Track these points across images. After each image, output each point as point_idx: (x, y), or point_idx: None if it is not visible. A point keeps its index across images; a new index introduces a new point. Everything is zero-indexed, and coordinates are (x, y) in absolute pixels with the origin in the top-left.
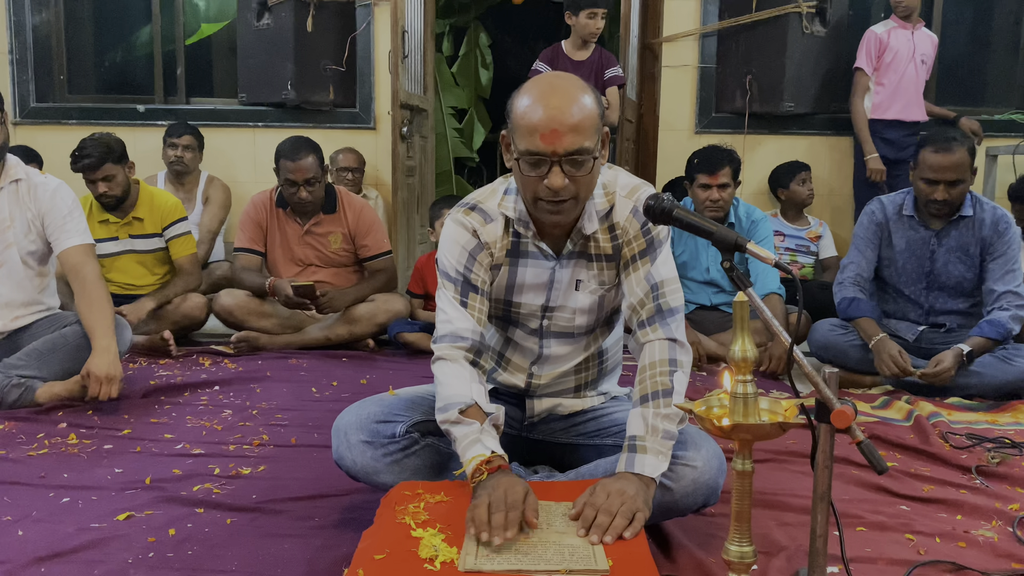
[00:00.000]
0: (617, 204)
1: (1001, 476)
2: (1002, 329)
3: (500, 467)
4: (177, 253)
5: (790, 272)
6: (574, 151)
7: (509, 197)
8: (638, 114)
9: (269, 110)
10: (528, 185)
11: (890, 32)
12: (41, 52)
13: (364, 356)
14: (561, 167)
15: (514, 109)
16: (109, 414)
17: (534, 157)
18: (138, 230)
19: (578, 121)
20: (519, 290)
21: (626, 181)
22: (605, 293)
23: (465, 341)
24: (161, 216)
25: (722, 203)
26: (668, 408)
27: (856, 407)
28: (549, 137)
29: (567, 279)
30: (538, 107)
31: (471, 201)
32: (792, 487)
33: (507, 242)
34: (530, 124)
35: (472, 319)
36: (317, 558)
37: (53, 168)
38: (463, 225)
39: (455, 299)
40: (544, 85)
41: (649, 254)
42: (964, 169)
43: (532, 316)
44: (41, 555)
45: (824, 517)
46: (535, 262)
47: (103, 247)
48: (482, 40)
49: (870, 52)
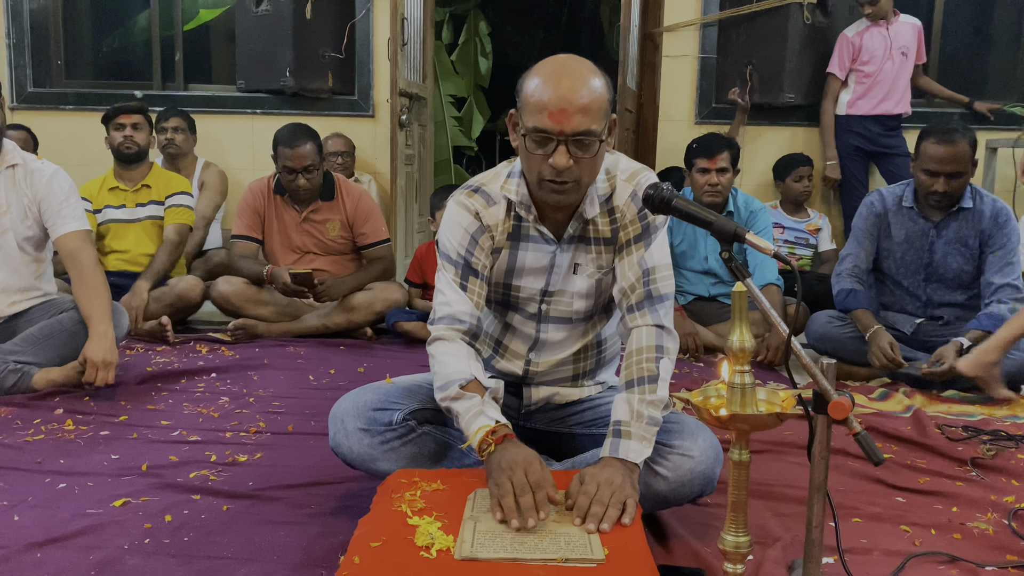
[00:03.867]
0: (618, 188)
1: (997, 468)
2: (1000, 322)
3: (506, 436)
4: (169, 221)
5: (789, 263)
6: (581, 132)
7: (512, 180)
8: (638, 104)
9: (267, 97)
10: (533, 164)
11: (864, 32)
12: (38, 37)
13: (362, 344)
14: (567, 147)
15: (524, 87)
16: (106, 400)
17: (541, 135)
18: (145, 197)
19: (587, 103)
20: (519, 273)
21: (627, 165)
22: (603, 277)
23: (463, 324)
24: (167, 185)
25: (721, 188)
26: (653, 394)
27: (853, 399)
28: (557, 116)
29: (567, 263)
30: (549, 86)
31: (474, 183)
32: (788, 478)
33: (508, 225)
34: (539, 102)
35: (471, 303)
36: (313, 545)
37: (49, 153)
38: (466, 207)
39: (455, 281)
40: (556, 66)
41: (644, 239)
42: (965, 161)
43: (531, 300)
44: (37, 540)
45: (820, 508)
46: (536, 246)
47: (112, 213)
48: (482, 28)
49: (843, 58)
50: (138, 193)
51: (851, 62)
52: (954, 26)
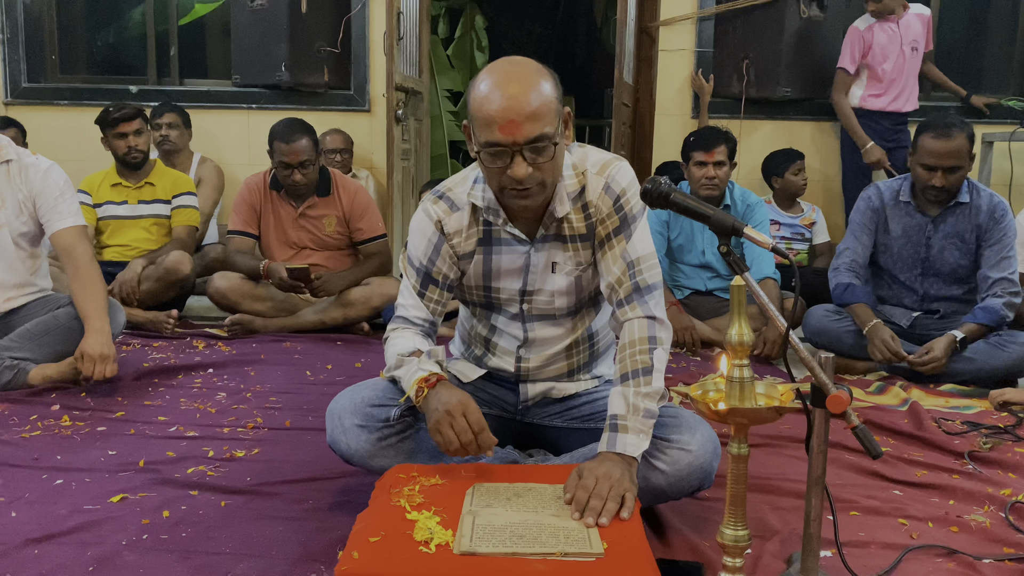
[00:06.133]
0: (589, 182)
1: (993, 462)
2: (996, 316)
3: (439, 380)
4: (177, 222)
5: (787, 257)
6: (534, 139)
7: (478, 186)
8: (634, 98)
9: (263, 92)
10: (493, 175)
11: (873, 27)
12: (32, 32)
13: (358, 340)
14: (523, 156)
15: (471, 101)
16: (102, 396)
17: (495, 148)
18: (148, 195)
19: (536, 108)
20: (496, 276)
21: (597, 158)
22: (581, 274)
23: (416, 327)
24: (173, 184)
25: (718, 181)
26: (648, 386)
27: (851, 392)
28: (507, 128)
29: (543, 262)
30: (494, 97)
31: (442, 188)
32: (785, 471)
33: (477, 230)
34: (487, 116)
35: (427, 310)
36: (311, 541)
37: (43, 149)
38: (428, 215)
39: (414, 288)
40: (498, 74)
41: (623, 231)
42: (963, 156)
43: (511, 301)
44: (34, 537)
45: (818, 501)
46: (509, 248)
47: (113, 210)
48: (478, 22)
49: (853, 51)
50: (141, 190)
51: (861, 56)
52: (951, 19)
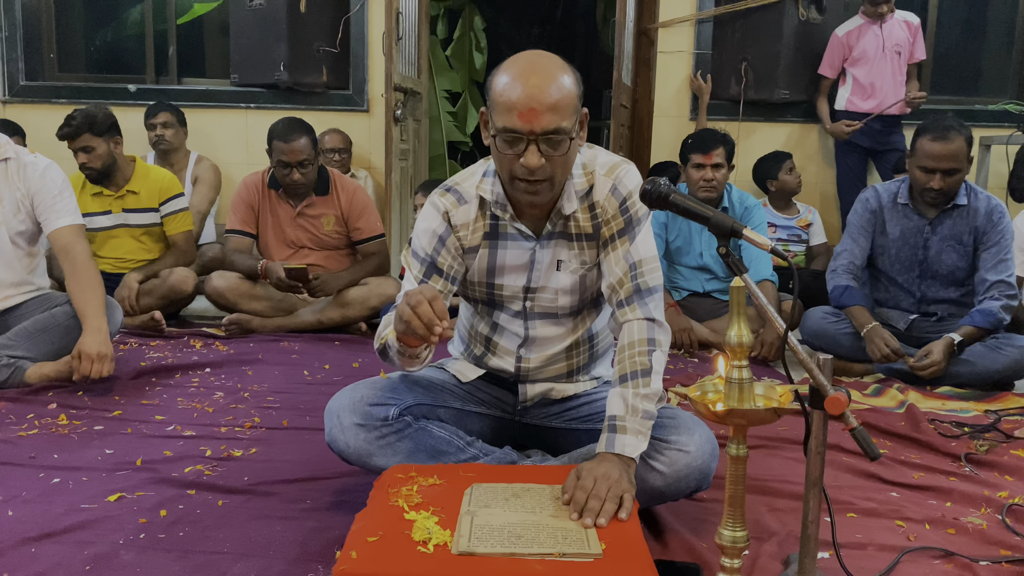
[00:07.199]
0: (597, 183)
1: (990, 464)
2: (993, 318)
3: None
4: (172, 229)
5: (786, 258)
6: (551, 130)
7: (487, 179)
8: (633, 100)
9: (261, 91)
10: (504, 163)
11: (856, 31)
12: (31, 30)
13: (356, 339)
14: (538, 146)
15: (493, 86)
16: (100, 395)
17: (511, 135)
18: (133, 203)
19: (556, 100)
20: (500, 272)
21: (605, 159)
22: (586, 273)
23: None
24: (158, 190)
25: (716, 183)
26: (647, 388)
27: (849, 394)
28: (527, 115)
29: (548, 260)
30: (517, 85)
31: (450, 182)
32: (783, 473)
33: (483, 224)
34: (508, 102)
35: None
36: (309, 540)
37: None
38: (436, 207)
39: (416, 278)
40: (524, 63)
41: (628, 233)
42: (961, 158)
43: (515, 298)
44: (31, 536)
45: (816, 503)
46: (515, 243)
47: (96, 220)
48: (476, 23)
49: (833, 58)
50: (124, 199)
51: (842, 62)
52: (948, 24)
